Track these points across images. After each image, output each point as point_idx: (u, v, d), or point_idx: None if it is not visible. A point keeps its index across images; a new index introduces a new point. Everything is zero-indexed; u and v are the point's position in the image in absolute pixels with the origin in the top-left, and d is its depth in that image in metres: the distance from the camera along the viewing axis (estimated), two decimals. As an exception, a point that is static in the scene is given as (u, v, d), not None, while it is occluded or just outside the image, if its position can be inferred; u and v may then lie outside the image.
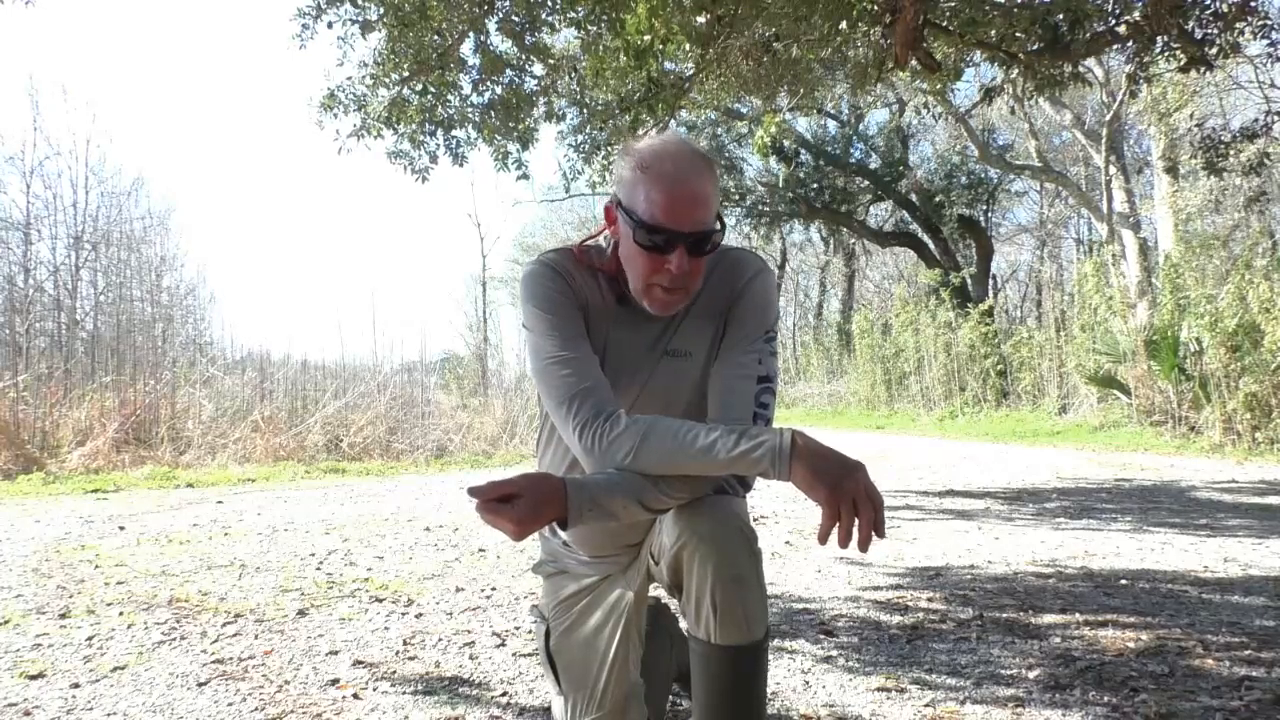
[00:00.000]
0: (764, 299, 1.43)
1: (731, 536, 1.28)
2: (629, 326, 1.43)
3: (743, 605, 1.27)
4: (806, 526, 4.72)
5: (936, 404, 17.39)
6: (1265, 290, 9.50)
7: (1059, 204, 26.72)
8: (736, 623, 1.27)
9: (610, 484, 1.25)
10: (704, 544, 1.26)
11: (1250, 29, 5.29)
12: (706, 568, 1.26)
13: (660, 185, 1.27)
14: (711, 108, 8.54)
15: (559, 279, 1.39)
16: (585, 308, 1.41)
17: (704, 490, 1.31)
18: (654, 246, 1.29)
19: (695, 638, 1.31)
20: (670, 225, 1.27)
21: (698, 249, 1.30)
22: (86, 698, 2.07)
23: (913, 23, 4.87)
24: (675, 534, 1.29)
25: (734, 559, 1.26)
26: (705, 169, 1.30)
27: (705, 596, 1.27)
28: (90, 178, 11.80)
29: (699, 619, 1.29)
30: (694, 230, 1.28)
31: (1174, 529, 4.46)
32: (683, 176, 1.27)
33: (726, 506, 1.32)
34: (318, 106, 6.02)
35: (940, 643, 2.50)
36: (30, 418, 7.65)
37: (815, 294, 34.25)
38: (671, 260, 1.29)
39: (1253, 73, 11.78)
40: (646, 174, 1.28)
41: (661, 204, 1.27)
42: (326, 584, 3.32)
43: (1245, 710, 1.93)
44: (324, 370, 10.71)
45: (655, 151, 1.30)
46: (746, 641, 1.28)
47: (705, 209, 1.29)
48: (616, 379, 1.42)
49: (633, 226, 1.30)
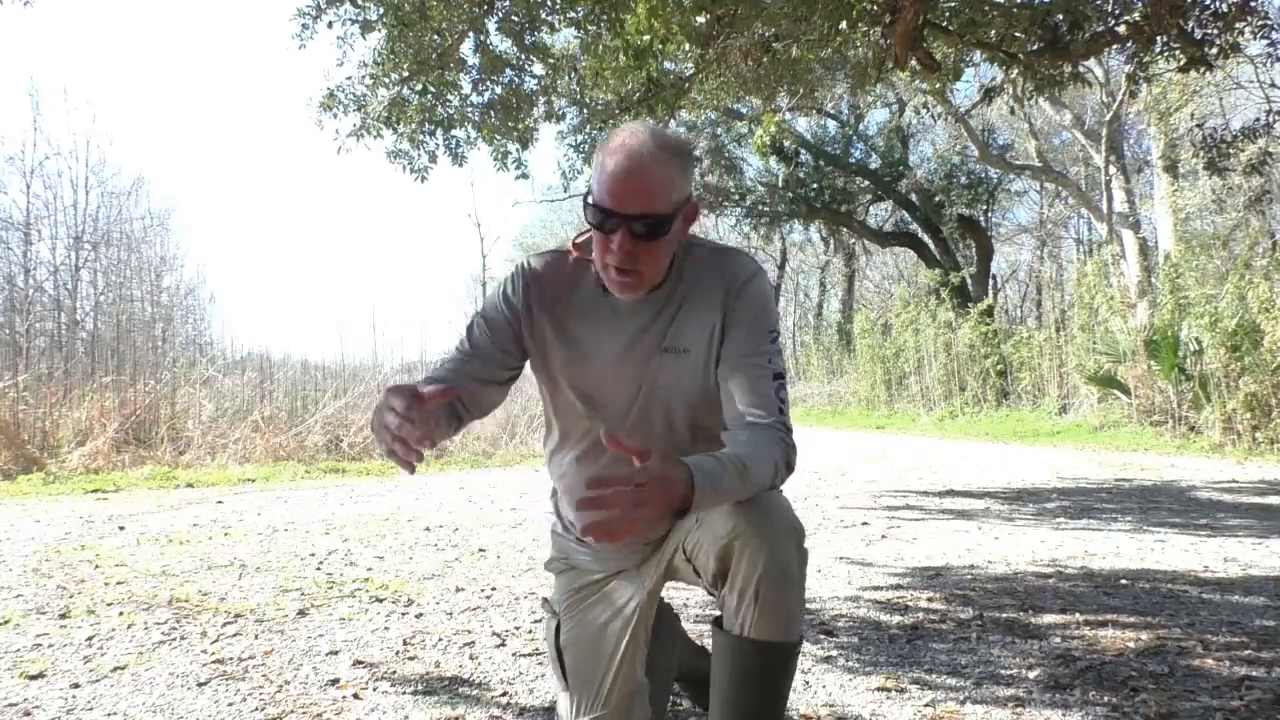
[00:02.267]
0: (763, 300, 1.44)
1: (786, 533, 1.29)
2: (622, 317, 1.46)
3: (785, 602, 1.28)
4: (806, 526, 4.71)
5: (936, 404, 17.39)
6: (1265, 290, 9.50)
7: (1059, 204, 26.72)
8: (776, 618, 1.27)
9: (716, 467, 1.19)
10: (758, 536, 1.27)
11: (1250, 29, 5.28)
12: (758, 560, 1.26)
13: (607, 167, 1.31)
14: (711, 108, 8.55)
15: (512, 289, 1.49)
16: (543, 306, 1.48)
17: (768, 484, 1.30)
18: (599, 226, 1.33)
19: (728, 633, 1.31)
20: (610, 206, 1.31)
21: (644, 233, 1.31)
22: (86, 698, 2.07)
23: (913, 23, 4.86)
24: (729, 525, 1.29)
25: (785, 555, 1.27)
26: (661, 156, 1.32)
27: (750, 587, 1.27)
28: (90, 178, 11.82)
29: (738, 611, 1.29)
30: (636, 213, 1.30)
31: (1174, 529, 4.45)
32: (630, 160, 1.30)
33: (780, 502, 1.33)
34: (317, 106, 6.01)
35: (940, 643, 2.50)
36: (30, 418, 7.65)
37: (815, 294, 34.25)
38: (614, 240, 1.32)
39: (1253, 72, 11.77)
40: (600, 157, 1.34)
41: (606, 185, 1.31)
42: (326, 584, 3.32)
43: (1245, 710, 1.93)
44: (324, 370, 10.70)
45: (614, 136, 1.35)
46: (781, 640, 1.29)
47: (650, 194, 1.31)
48: (619, 372, 1.45)
49: (585, 207, 1.35)
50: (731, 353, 1.40)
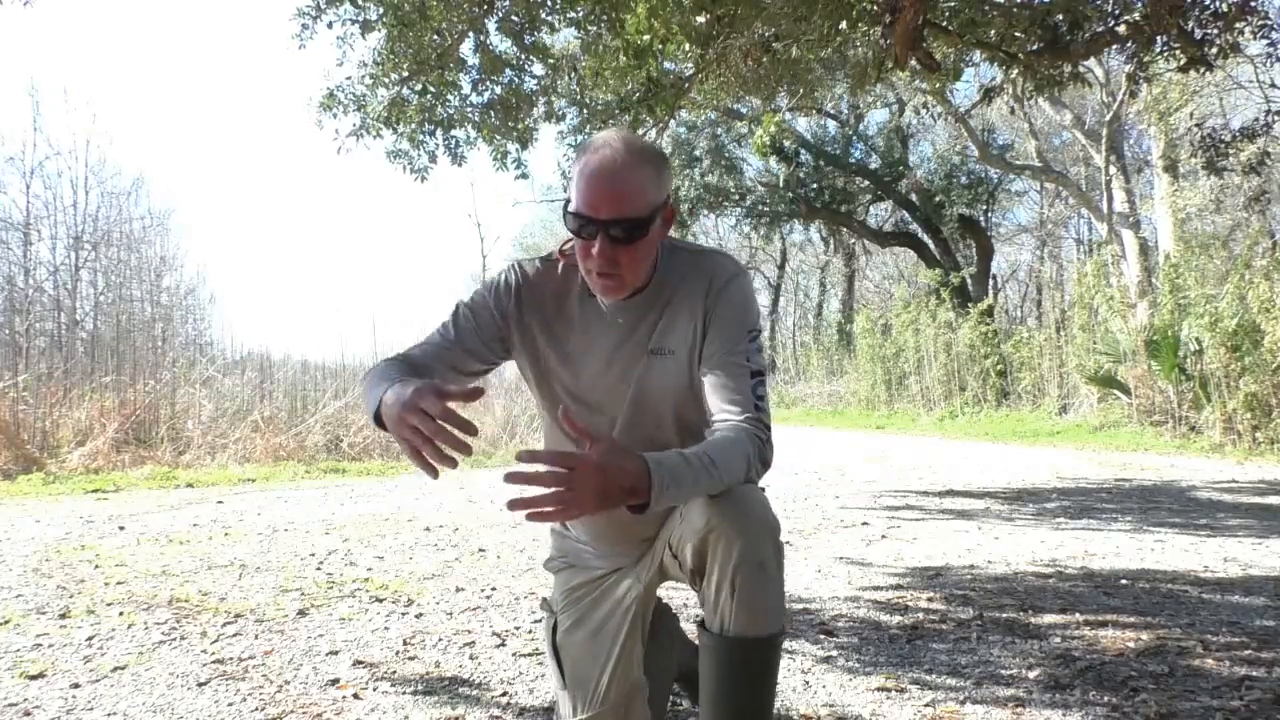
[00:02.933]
0: (743, 300, 1.46)
1: (759, 526, 1.30)
2: (609, 322, 1.48)
3: (762, 595, 1.28)
4: (806, 526, 4.72)
5: (936, 404, 17.38)
6: (1265, 290, 9.50)
7: (1059, 204, 26.71)
8: (754, 612, 1.28)
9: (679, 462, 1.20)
10: (731, 530, 1.28)
11: (1250, 29, 5.28)
12: (731, 553, 1.27)
13: (583, 174, 1.34)
14: (711, 108, 8.54)
15: (503, 286, 1.50)
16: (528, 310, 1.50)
17: (741, 479, 1.31)
18: (578, 232, 1.36)
19: (709, 630, 1.32)
20: (586, 211, 1.33)
21: (621, 237, 1.34)
22: (86, 698, 2.07)
23: (913, 23, 4.86)
24: (704, 519, 1.29)
25: (759, 547, 1.28)
26: (637, 161, 1.34)
27: (726, 581, 1.28)
28: (90, 178, 11.82)
29: (716, 607, 1.30)
30: (611, 218, 1.32)
31: (1174, 529, 4.45)
32: (605, 167, 1.33)
33: (756, 496, 1.34)
34: (317, 106, 6.01)
35: (940, 643, 2.50)
36: (30, 418, 7.65)
37: (815, 294, 34.23)
38: (593, 246, 1.34)
39: (1253, 72, 11.77)
40: (578, 164, 1.37)
41: (582, 191, 1.34)
42: (326, 584, 3.32)
43: (1245, 710, 1.93)
44: (324, 370, 10.71)
45: (590, 143, 1.38)
46: (761, 633, 1.29)
47: (625, 199, 1.32)
48: (608, 375, 1.48)
49: (565, 215, 1.37)
50: (711, 351, 1.43)
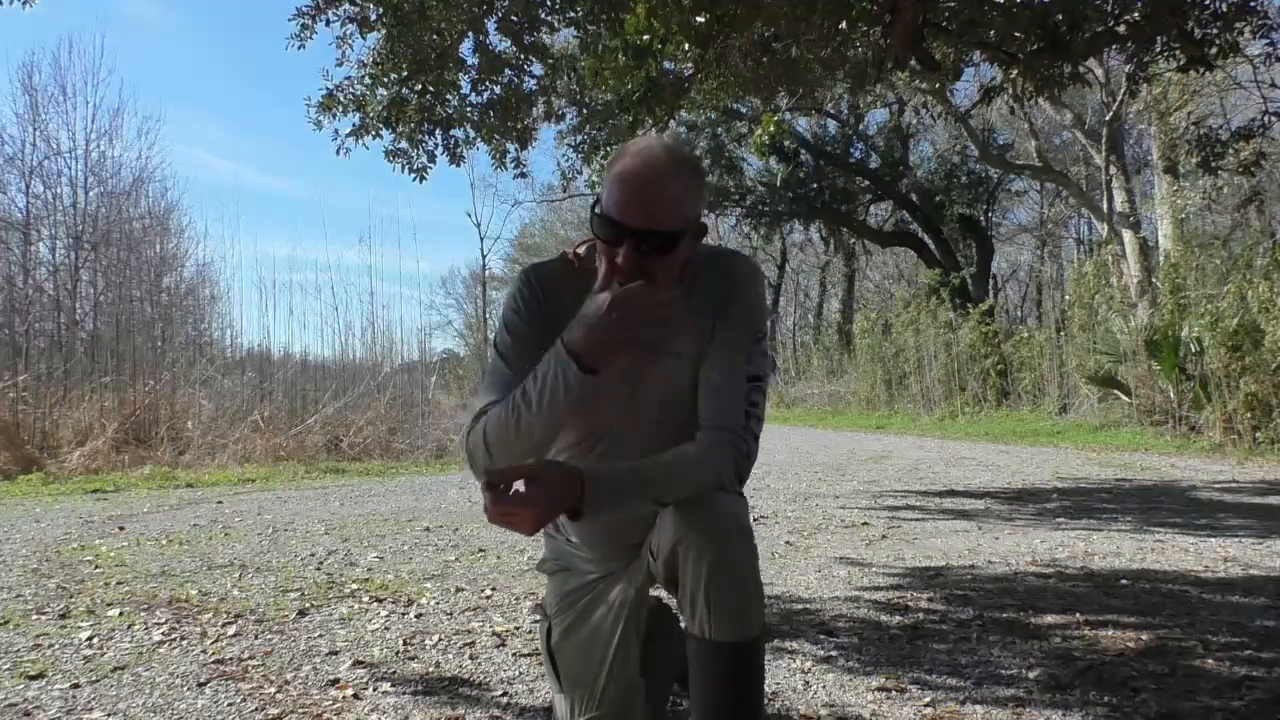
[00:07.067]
0: (754, 301, 1.44)
1: (728, 533, 1.29)
2: None
3: (738, 600, 1.27)
4: (807, 526, 4.72)
5: (937, 404, 17.38)
6: (1265, 290, 9.49)
7: (1059, 204, 26.71)
8: (732, 618, 1.27)
9: (623, 474, 1.30)
10: (700, 539, 1.27)
11: (1250, 29, 5.28)
12: (702, 563, 1.27)
13: (617, 180, 1.30)
14: (711, 108, 8.52)
15: (525, 296, 1.46)
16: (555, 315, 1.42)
17: (707, 487, 1.32)
18: (605, 238, 1.32)
19: (692, 635, 1.31)
20: (618, 218, 1.29)
21: (649, 248, 1.29)
22: (86, 698, 2.07)
23: (912, 23, 4.86)
24: (673, 530, 1.30)
25: (729, 555, 1.27)
26: (673, 171, 1.31)
27: (700, 591, 1.27)
28: (90, 178, 11.81)
29: (694, 615, 1.29)
30: (641, 227, 1.28)
31: (1174, 529, 4.45)
32: (641, 174, 1.29)
33: (724, 503, 1.33)
34: (316, 106, 6.01)
35: (940, 643, 2.50)
36: (30, 418, 7.66)
37: (815, 294, 34.22)
38: (619, 254, 1.30)
39: (1252, 72, 11.76)
40: (613, 168, 1.32)
41: (615, 197, 1.30)
42: (326, 584, 3.32)
43: (1245, 710, 1.93)
44: (324, 370, 10.71)
45: (628, 148, 1.34)
46: (742, 638, 1.28)
47: (659, 209, 1.29)
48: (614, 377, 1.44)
49: (593, 216, 1.33)
50: (714, 352, 1.41)
